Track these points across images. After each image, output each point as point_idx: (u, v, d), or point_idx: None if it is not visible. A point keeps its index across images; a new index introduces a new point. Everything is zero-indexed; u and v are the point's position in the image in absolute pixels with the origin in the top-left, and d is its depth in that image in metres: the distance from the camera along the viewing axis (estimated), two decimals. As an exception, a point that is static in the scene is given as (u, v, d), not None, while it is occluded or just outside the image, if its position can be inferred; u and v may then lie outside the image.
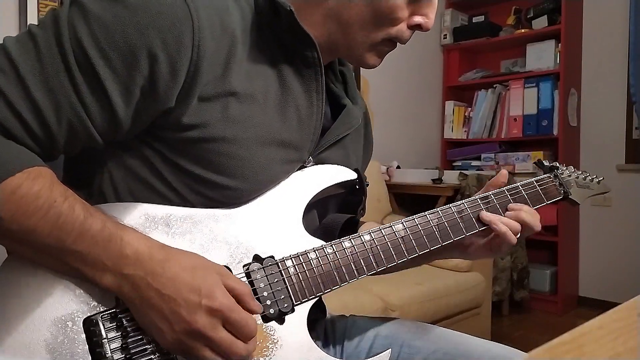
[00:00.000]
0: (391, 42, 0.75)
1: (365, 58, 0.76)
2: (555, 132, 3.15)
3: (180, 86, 0.63)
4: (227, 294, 0.61)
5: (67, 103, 0.59)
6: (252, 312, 0.63)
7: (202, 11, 0.62)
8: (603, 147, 3.18)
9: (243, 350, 0.61)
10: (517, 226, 0.81)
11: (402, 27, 0.74)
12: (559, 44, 3.15)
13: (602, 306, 2.92)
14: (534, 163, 0.93)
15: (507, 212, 0.83)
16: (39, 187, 0.58)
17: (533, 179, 0.89)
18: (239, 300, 0.62)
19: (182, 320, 0.59)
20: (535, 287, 3.19)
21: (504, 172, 0.86)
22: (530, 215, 0.83)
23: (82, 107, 0.60)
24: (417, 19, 0.73)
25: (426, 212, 0.79)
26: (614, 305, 0.40)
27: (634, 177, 3.05)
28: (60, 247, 0.58)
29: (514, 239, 0.80)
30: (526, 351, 0.34)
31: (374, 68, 0.80)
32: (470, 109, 3.57)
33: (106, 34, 0.59)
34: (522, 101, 3.28)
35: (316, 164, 0.78)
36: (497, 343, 0.83)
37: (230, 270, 0.67)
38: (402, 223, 0.77)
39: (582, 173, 0.96)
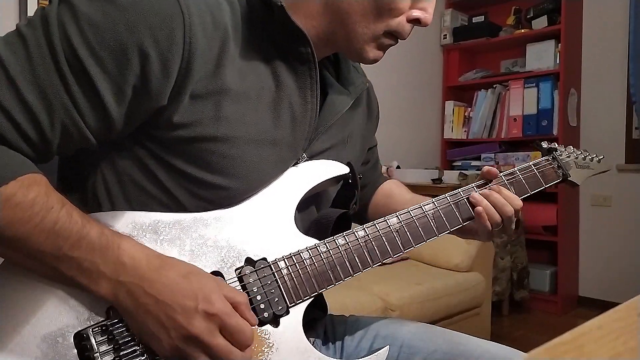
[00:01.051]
0: (392, 36, 0.74)
1: (365, 51, 0.75)
2: (555, 132, 3.14)
3: (173, 84, 0.62)
4: (224, 300, 0.61)
5: (59, 104, 0.58)
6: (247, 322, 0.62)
7: (194, 7, 0.62)
8: (603, 147, 3.17)
9: (240, 359, 0.61)
10: (491, 208, 0.80)
11: (402, 20, 0.73)
12: (559, 44, 3.15)
13: (602, 306, 2.92)
14: (532, 144, 0.92)
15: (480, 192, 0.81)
16: (34, 194, 0.57)
17: (531, 163, 0.87)
18: (235, 308, 0.62)
19: (179, 326, 0.59)
20: (535, 287, 3.19)
21: (491, 169, 0.84)
22: (502, 199, 0.81)
23: (75, 108, 0.59)
24: (416, 13, 0.73)
25: (421, 203, 0.78)
26: (614, 305, 0.40)
27: (634, 177, 3.05)
28: (56, 254, 0.58)
29: (487, 223, 0.80)
30: (526, 351, 0.34)
31: (374, 63, 0.78)
32: (470, 109, 3.57)
33: (96, 33, 0.58)
34: (522, 101, 3.28)
35: (309, 157, 0.77)
36: (497, 343, 0.83)
37: (223, 276, 0.67)
38: (397, 216, 0.76)
39: (581, 153, 0.94)
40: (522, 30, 3.32)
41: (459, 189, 0.82)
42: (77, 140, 0.62)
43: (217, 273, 0.67)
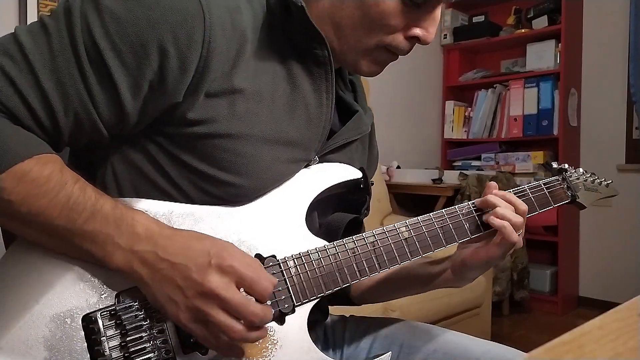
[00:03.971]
0: (387, 51, 0.74)
1: (359, 64, 0.75)
2: (555, 132, 3.15)
3: (189, 81, 0.63)
4: (238, 256, 0.60)
5: (75, 94, 0.60)
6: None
7: (214, 8, 0.63)
8: (603, 147, 3.18)
9: (260, 311, 0.59)
10: (517, 217, 0.75)
11: (397, 37, 0.72)
12: (559, 44, 3.15)
13: (602, 306, 2.92)
14: (542, 165, 0.90)
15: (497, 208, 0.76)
16: (49, 171, 0.58)
17: (541, 182, 0.87)
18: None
19: (195, 283, 0.58)
20: (536, 287, 3.19)
21: (492, 184, 0.80)
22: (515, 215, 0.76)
23: (90, 99, 0.61)
24: (416, 31, 0.71)
25: (430, 214, 0.78)
26: (614, 305, 0.40)
27: (634, 177, 3.05)
28: (70, 228, 0.59)
29: (514, 235, 0.74)
30: (526, 351, 0.34)
31: (372, 76, 0.78)
32: (470, 109, 3.57)
33: (118, 27, 0.59)
34: (522, 101, 3.28)
35: (321, 161, 0.77)
36: (497, 343, 0.83)
37: None
38: (406, 224, 0.76)
39: (590, 176, 0.95)
40: (523, 30, 3.32)
41: (469, 202, 0.80)
42: (89, 131, 0.63)
43: None
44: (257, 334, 0.61)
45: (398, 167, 3.13)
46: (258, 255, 0.68)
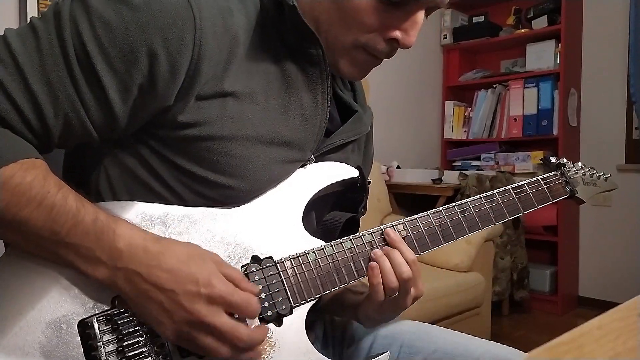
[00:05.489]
0: (366, 52, 0.71)
1: (338, 64, 0.73)
2: (555, 132, 3.15)
3: (180, 85, 0.62)
4: (225, 281, 0.60)
5: (64, 96, 0.59)
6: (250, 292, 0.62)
7: (205, 11, 0.62)
8: (603, 147, 3.18)
9: (245, 336, 0.60)
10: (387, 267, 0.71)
11: (374, 37, 0.69)
12: (559, 44, 3.15)
13: (602, 306, 2.92)
14: (541, 160, 0.90)
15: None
16: (32, 177, 0.57)
17: (539, 177, 0.86)
18: (236, 285, 0.61)
19: (183, 310, 0.58)
20: (535, 287, 3.19)
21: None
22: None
23: (80, 102, 0.60)
24: (395, 34, 0.69)
25: (428, 212, 0.78)
26: (614, 305, 0.40)
27: (634, 177, 3.05)
28: (54, 240, 0.58)
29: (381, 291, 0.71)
30: (526, 351, 0.34)
31: (353, 80, 0.77)
32: (470, 109, 3.57)
33: (107, 31, 0.59)
34: (522, 101, 3.28)
35: (317, 161, 0.77)
36: (497, 343, 0.83)
37: None
38: (403, 223, 0.75)
39: (589, 170, 0.94)
40: (522, 30, 3.32)
41: (467, 200, 0.80)
42: (80, 133, 0.63)
43: None
44: (247, 355, 0.61)
45: (398, 167, 3.13)
46: (254, 257, 0.68)
